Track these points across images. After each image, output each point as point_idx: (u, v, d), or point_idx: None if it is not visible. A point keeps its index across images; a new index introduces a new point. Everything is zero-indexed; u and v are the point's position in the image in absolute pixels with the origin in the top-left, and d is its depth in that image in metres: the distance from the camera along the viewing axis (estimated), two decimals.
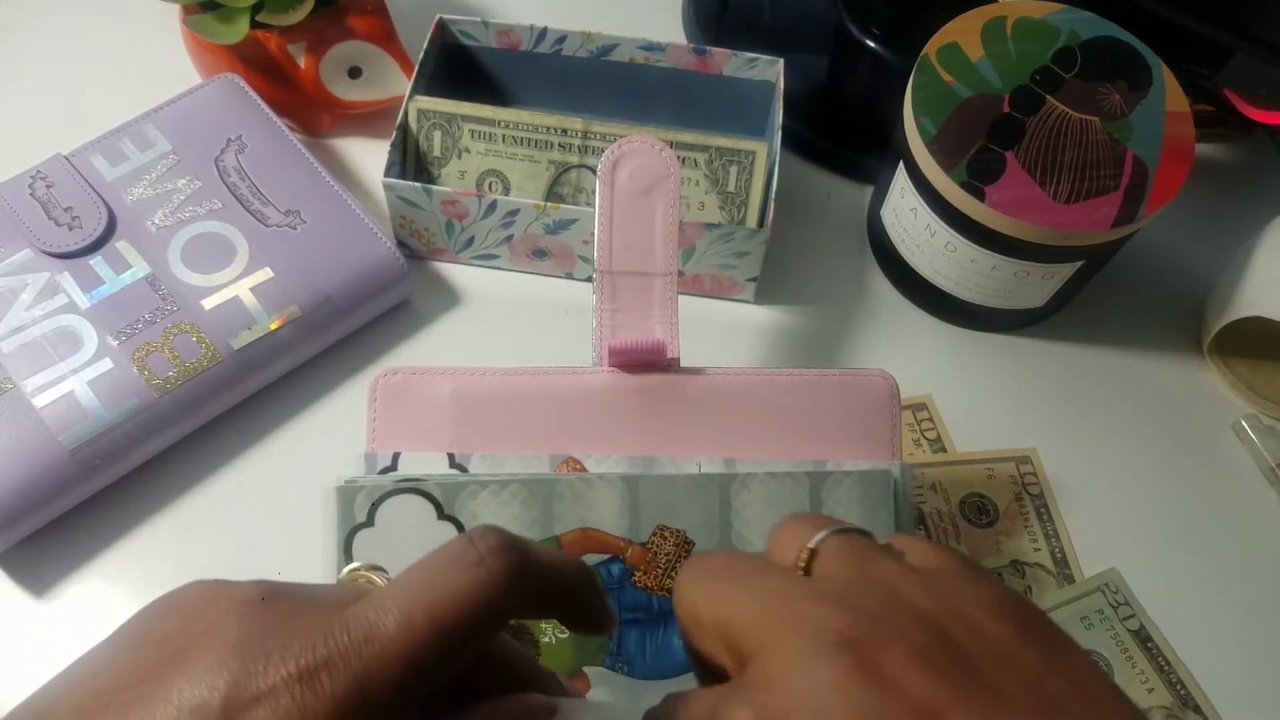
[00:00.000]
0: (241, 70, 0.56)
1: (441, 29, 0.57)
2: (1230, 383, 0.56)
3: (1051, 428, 0.54)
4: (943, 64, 0.51)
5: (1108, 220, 0.47)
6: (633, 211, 0.44)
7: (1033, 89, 0.50)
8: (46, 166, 0.51)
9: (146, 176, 0.52)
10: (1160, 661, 0.48)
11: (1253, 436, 0.54)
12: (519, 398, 0.42)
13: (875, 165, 0.58)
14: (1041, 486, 0.52)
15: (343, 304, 0.51)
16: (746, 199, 0.55)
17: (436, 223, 0.54)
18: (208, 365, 0.48)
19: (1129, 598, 0.49)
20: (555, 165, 0.55)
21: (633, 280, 0.44)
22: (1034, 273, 0.51)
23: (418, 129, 0.54)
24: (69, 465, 0.46)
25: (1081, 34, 0.52)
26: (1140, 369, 0.57)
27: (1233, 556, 0.51)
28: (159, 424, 0.47)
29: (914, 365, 0.55)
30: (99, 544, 0.48)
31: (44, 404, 0.46)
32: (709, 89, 0.59)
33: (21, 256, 0.49)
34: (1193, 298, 0.59)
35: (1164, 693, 0.47)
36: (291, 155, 0.54)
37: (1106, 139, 0.49)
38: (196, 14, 0.54)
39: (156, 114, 0.54)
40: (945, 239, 0.51)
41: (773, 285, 0.57)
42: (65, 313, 0.48)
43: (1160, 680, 0.47)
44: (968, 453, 0.53)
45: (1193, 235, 0.61)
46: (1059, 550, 0.51)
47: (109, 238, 0.50)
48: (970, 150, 0.49)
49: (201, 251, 0.50)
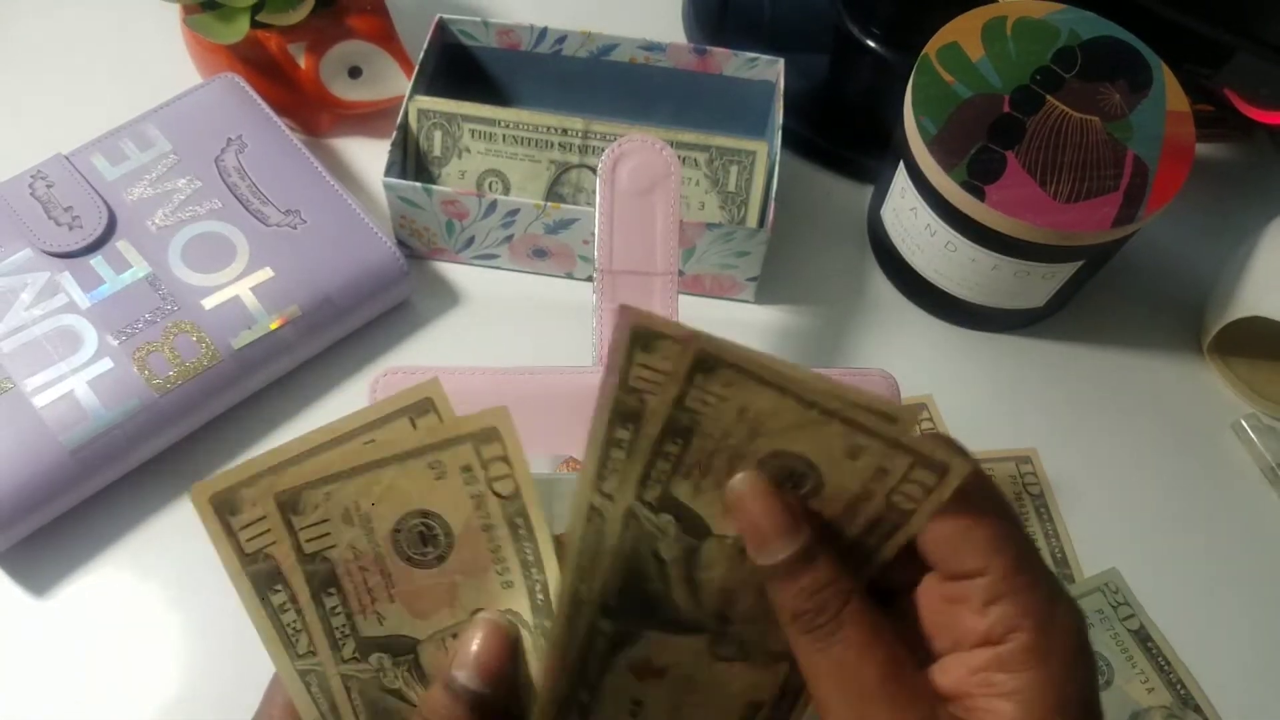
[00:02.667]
0: (242, 70, 0.56)
1: (442, 29, 0.57)
2: (1230, 382, 0.56)
3: (1052, 428, 0.54)
4: (943, 64, 0.51)
5: (1108, 220, 0.47)
6: (633, 211, 0.44)
7: (1033, 89, 0.50)
8: (47, 166, 0.51)
9: (147, 176, 0.52)
10: (1160, 661, 0.48)
11: (1253, 436, 0.54)
12: (519, 397, 0.42)
13: (875, 165, 0.58)
14: (1042, 486, 0.52)
15: (343, 304, 0.51)
16: (747, 199, 0.55)
17: (437, 222, 0.54)
18: (208, 365, 0.48)
19: (1129, 598, 0.49)
20: (555, 165, 0.55)
21: (633, 280, 0.44)
22: (1034, 272, 0.51)
23: (418, 129, 0.54)
24: (69, 465, 0.45)
25: (1082, 34, 0.52)
26: (1140, 369, 0.57)
27: (1233, 556, 0.51)
28: (159, 424, 0.47)
29: (914, 365, 0.55)
30: (99, 544, 0.48)
31: (44, 404, 0.46)
32: (709, 89, 0.59)
33: (21, 256, 0.49)
34: (1193, 297, 0.58)
35: (1164, 692, 0.47)
36: (292, 155, 0.54)
37: (1107, 139, 0.49)
38: (197, 14, 0.54)
39: (157, 114, 0.54)
40: (945, 239, 0.51)
41: (773, 285, 0.57)
42: (65, 312, 0.48)
43: (1160, 680, 0.47)
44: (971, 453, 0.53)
45: (1193, 235, 0.61)
46: (1059, 550, 0.51)
47: (109, 237, 0.50)
48: (970, 150, 0.49)
49: (202, 251, 0.50)
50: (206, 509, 0.26)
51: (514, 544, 0.28)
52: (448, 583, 0.29)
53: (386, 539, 0.28)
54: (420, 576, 0.28)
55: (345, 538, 0.28)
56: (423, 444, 0.27)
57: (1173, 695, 0.47)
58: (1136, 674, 0.48)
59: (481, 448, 0.27)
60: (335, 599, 0.28)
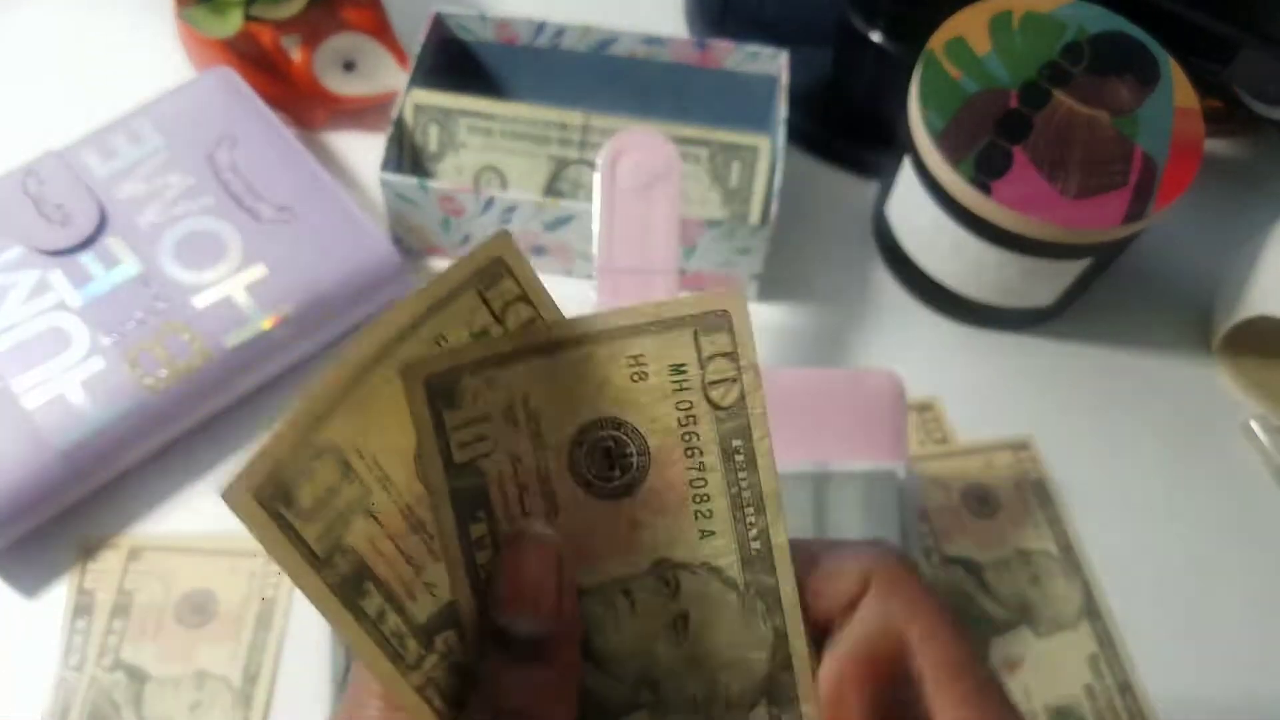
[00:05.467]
0: (235, 64, 0.55)
1: (439, 22, 0.57)
2: (1240, 383, 0.56)
3: (1060, 428, 0.53)
4: (949, 58, 0.50)
5: (1116, 217, 0.47)
6: (633, 207, 0.44)
7: (1040, 84, 0.50)
8: (38, 163, 0.51)
9: (138, 172, 0.51)
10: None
11: (1262, 437, 0.53)
12: None
13: (880, 160, 0.57)
14: (1041, 473, 0.52)
15: (337, 302, 0.50)
16: (749, 194, 0.54)
17: (433, 219, 0.53)
18: (200, 365, 0.47)
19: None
20: (554, 160, 0.54)
21: (633, 278, 0.43)
22: (1041, 270, 0.50)
23: (414, 123, 0.54)
24: (60, 466, 0.45)
25: (1089, 28, 0.51)
26: (1149, 368, 0.56)
27: (1244, 558, 0.51)
28: (151, 424, 0.47)
29: (920, 364, 0.54)
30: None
31: (35, 405, 0.45)
32: (711, 83, 0.58)
33: (12, 254, 0.48)
34: (1201, 296, 0.58)
35: None
36: (285, 150, 0.53)
37: (1115, 135, 0.48)
38: (190, 7, 0.54)
39: (149, 109, 0.53)
40: (952, 235, 0.50)
41: (776, 282, 0.56)
42: (56, 311, 0.47)
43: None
44: (966, 443, 0.52)
45: (1202, 232, 0.60)
46: (1063, 537, 0.50)
47: (100, 234, 0.49)
48: (977, 145, 0.48)
49: (194, 248, 0.50)
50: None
51: (725, 475, 0.22)
52: (626, 520, 0.22)
53: (561, 449, 0.21)
54: (594, 509, 0.22)
55: (505, 442, 0.21)
56: (620, 325, 0.20)
57: None
58: None
59: (703, 338, 0.21)
60: (482, 525, 0.21)
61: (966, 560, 0.49)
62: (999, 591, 0.49)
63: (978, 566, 0.49)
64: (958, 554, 0.49)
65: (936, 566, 0.49)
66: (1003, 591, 0.49)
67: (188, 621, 0.45)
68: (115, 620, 0.45)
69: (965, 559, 0.49)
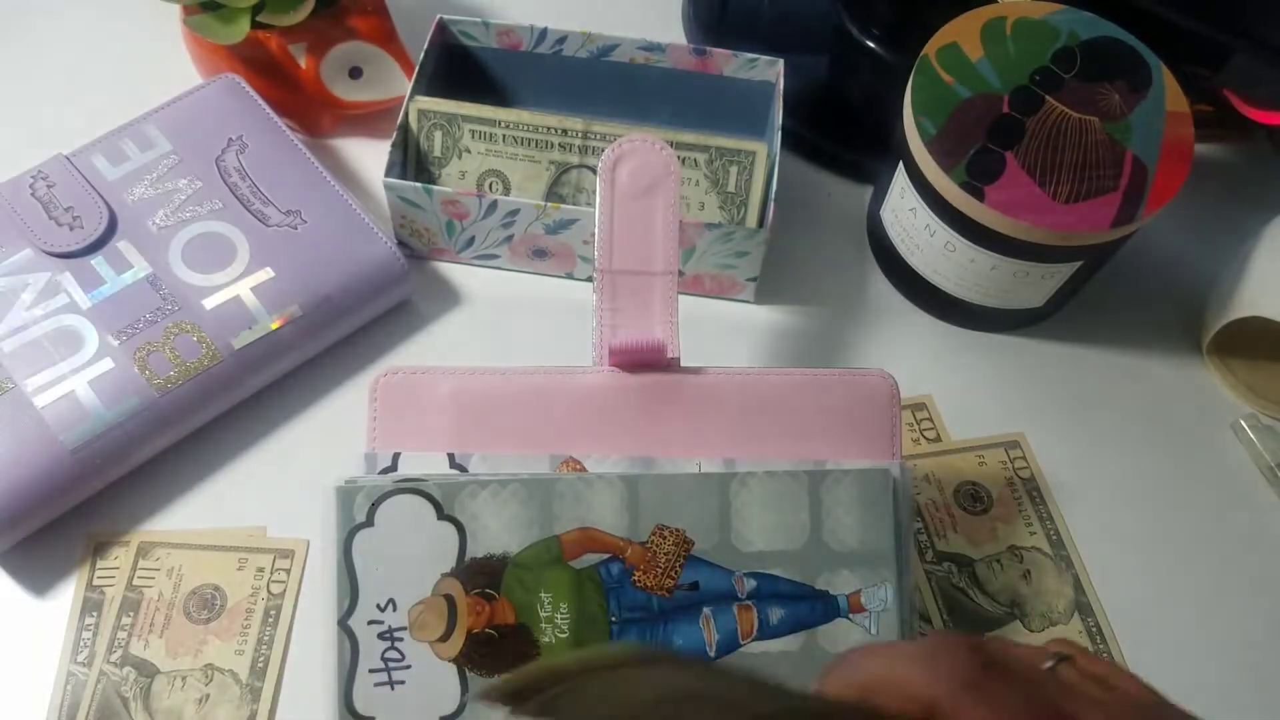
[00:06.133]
0: (242, 70, 0.56)
1: (442, 29, 0.57)
2: (1229, 383, 0.56)
3: (1051, 428, 0.54)
4: (942, 64, 0.51)
5: (1107, 220, 0.47)
6: (633, 211, 0.44)
7: (1032, 89, 0.50)
8: (48, 166, 0.51)
9: (147, 176, 0.52)
10: None
11: (1251, 436, 0.54)
12: (519, 397, 0.42)
13: (875, 165, 0.58)
14: (1032, 470, 0.52)
15: (343, 304, 0.51)
16: (746, 199, 0.55)
17: (437, 223, 0.54)
18: (208, 365, 0.48)
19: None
20: (556, 165, 0.55)
21: (633, 280, 0.44)
22: (1033, 273, 0.51)
23: (418, 129, 0.55)
24: (70, 465, 0.46)
25: (1081, 34, 0.52)
26: (1139, 369, 0.57)
27: (1232, 556, 0.52)
28: (160, 424, 0.47)
29: (913, 365, 0.55)
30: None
31: (45, 404, 0.46)
32: (709, 89, 0.59)
33: (22, 256, 0.49)
34: (1192, 298, 0.59)
35: None
36: (292, 155, 0.54)
37: (1106, 139, 0.49)
38: (197, 14, 0.54)
39: (157, 114, 0.54)
40: (945, 239, 0.51)
41: (773, 285, 0.57)
42: (66, 312, 0.48)
43: None
44: (958, 442, 0.53)
45: (1192, 236, 0.61)
46: (1054, 533, 0.51)
47: (110, 237, 0.50)
48: (970, 150, 0.49)
49: (202, 251, 0.50)
50: None
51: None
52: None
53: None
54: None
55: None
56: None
57: None
58: None
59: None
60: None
61: (959, 556, 0.50)
62: (991, 587, 0.50)
63: (970, 563, 0.50)
64: (950, 550, 0.50)
65: (929, 563, 0.50)
66: (994, 587, 0.50)
67: (196, 617, 0.46)
68: (124, 616, 0.46)
69: (958, 555, 0.50)
